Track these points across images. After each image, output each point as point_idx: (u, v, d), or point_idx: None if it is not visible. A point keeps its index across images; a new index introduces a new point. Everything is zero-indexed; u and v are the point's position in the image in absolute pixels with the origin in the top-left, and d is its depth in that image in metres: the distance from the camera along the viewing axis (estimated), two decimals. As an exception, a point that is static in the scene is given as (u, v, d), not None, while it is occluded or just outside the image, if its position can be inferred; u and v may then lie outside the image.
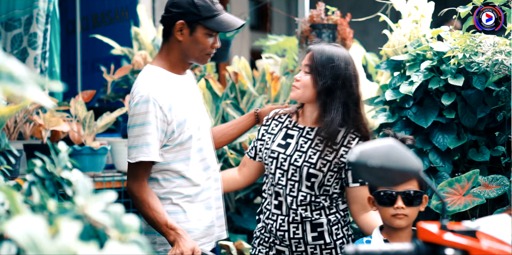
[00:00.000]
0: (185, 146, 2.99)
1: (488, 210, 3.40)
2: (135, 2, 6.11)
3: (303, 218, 3.07)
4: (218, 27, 2.94)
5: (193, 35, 2.96)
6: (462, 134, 3.54)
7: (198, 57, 3.02)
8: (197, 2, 2.93)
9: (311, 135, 3.15)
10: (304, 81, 3.09)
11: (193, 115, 3.05)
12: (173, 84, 3.02)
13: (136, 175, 2.96)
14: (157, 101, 2.88)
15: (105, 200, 1.32)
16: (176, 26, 2.95)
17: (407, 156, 1.61)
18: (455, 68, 3.49)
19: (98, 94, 5.66)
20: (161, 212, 2.91)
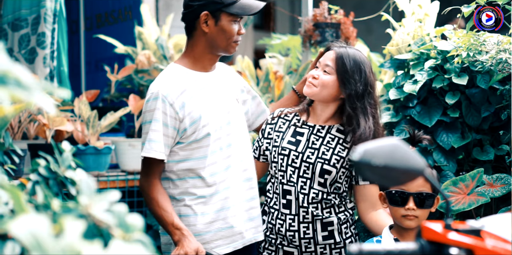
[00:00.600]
0: (201, 143, 2.97)
1: (492, 209, 3.40)
2: (138, 1, 6.11)
3: (314, 216, 3.07)
4: (242, 11, 2.95)
5: (219, 24, 2.96)
6: (466, 132, 3.54)
7: (226, 46, 3.00)
8: None
9: (322, 133, 3.16)
10: (324, 80, 3.09)
11: (213, 113, 3.01)
12: (191, 81, 3.00)
13: (146, 172, 2.98)
14: (167, 98, 2.89)
15: (109, 199, 1.32)
16: (200, 18, 2.95)
17: (411, 155, 1.61)
18: (459, 67, 3.48)
19: (102, 94, 5.66)
20: (169, 211, 2.90)
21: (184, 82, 2.98)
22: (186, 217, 2.99)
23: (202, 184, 3.00)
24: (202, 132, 2.95)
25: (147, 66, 4.99)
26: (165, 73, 3.03)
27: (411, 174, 1.61)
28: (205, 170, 2.99)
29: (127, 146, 4.61)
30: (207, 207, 3.01)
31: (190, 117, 2.92)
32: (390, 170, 1.59)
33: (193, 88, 2.98)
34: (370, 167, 1.58)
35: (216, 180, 3.01)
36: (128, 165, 4.66)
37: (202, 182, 2.99)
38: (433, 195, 2.70)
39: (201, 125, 2.95)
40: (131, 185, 4.64)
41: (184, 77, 2.99)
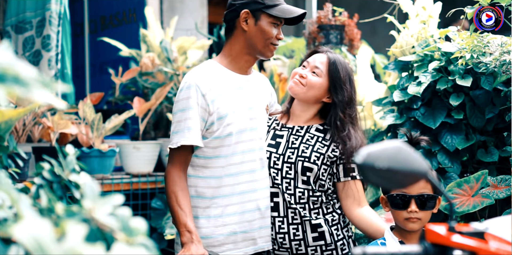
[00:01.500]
0: (223, 142, 2.96)
1: (497, 211, 3.39)
2: (143, 4, 6.12)
3: (302, 217, 3.06)
4: (282, 14, 2.96)
5: (258, 24, 2.99)
6: (471, 134, 3.53)
7: (264, 47, 3.01)
8: None
9: (301, 132, 3.16)
10: (312, 81, 3.10)
11: (240, 115, 3.00)
12: (225, 78, 3.01)
13: (173, 161, 2.96)
14: (200, 88, 2.90)
15: (113, 203, 1.32)
16: (241, 16, 2.99)
17: (414, 158, 1.61)
18: (463, 69, 3.48)
19: (107, 97, 5.67)
20: (186, 210, 2.88)
21: (218, 78, 2.99)
22: (196, 219, 2.98)
23: (217, 184, 2.99)
24: (225, 130, 2.95)
25: (152, 68, 4.99)
26: (200, 67, 3.04)
27: (415, 176, 1.61)
28: (224, 170, 2.99)
29: (131, 148, 4.62)
30: (220, 209, 3.00)
31: (217, 113, 2.92)
32: (394, 173, 1.59)
33: (225, 86, 2.99)
34: (373, 170, 1.58)
35: (230, 182, 3.00)
36: (132, 167, 4.66)
37: (218, 181, 2.99)
38: (434, 196, 2.69)
39: (226, 123, 2.94)
40: (136, 188, 4.65)
41: (218, 73, 3.01)
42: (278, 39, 3.04)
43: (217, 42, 5.46)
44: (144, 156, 4.67)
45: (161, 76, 5.02)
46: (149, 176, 4.71)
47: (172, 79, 5.02)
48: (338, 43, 4.98)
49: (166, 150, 4.77)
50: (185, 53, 5.24)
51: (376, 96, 4.30)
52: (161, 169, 4.92)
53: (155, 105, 4.78)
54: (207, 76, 2.96)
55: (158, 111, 5.20)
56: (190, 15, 6.54)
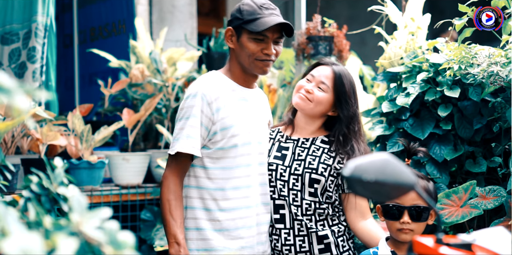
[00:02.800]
0: (227, 154, 2.94)
1: (485, 221, 3.40)
2: (132, 15, 6.12)
3: (308, 229, 3.05)
4: (256, 27, 2.88)
5: (240, 40, 2.97)
6: (459, 145, 3.54)
7: (249, 63, 2.97)
8: (242, 7, 2.97)
9: (307, 144, 3.16)
10: (319, 97, 3.09)
11: (245, 127, 2.98)
12: (231, 89, 3.00)
13: (171, 168, 2.94)
14: (206, 96, 2.88)
15: (101, 216, 1.32)
16: (225, 33, 3.01)
17: (402, 170, 1.61)
18: (451, 80, 3.50)
19: (96, 108, 5.66)
20: (177, 220, 2.87)
21: (224, 88, 2.97)
22: (203, 231, 2.96)
23: (221, 197, 2.96)
24: (230, 142, 2.93)
25: (141, 80, 4.99)
26: (206, 76, 3.02)
27: (403, 189, 1.62)
28: (227, 183, 2.96)
29: (121, 160, 4.61)
30: (224, 223, 2.98)
31: (221, 123, 2.90)
32: (381, 185, 1.59)
33: (231, 96, 2.97)
34: (361, 182, 1.59)
35: (237, 196, 2.98)
36: (122, 179, 4.65)
37: (222, 194, 2.96)
38: (428, 208, 2.70)
39: (230, 134, 2.92)
40: (125, 199, 4.64)
41: (224, 84, 2.99)
42: (266, 54, 2.95)
43: (206, 53, 5.47)
44: (134, 168, 4.66)
45: (151, 88, 5.02)
46: (138, 188, 4.70)
47: (161, 91, 5.02)
48: (327, 54, 5.00)
49: (155, 161, 4.77)
50: (174, 64, 5.25)
51: (365, 107, 4.31)
52: (151, 180, 4.91)
53: (144, 116, 4.78)
54: (214, 85, 2.94)
55: (148, 122, 5.19)
56: (179, 26, 6.55)
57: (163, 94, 5.04)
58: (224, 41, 3.04)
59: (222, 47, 5.45)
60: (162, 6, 6.51)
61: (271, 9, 2.96)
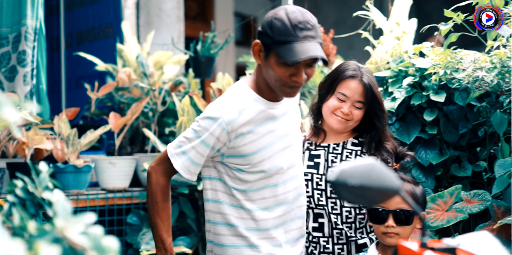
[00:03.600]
0: (253, 177, 2.73)
1: (470, 225, 3.42)
2: (119, 19, 6.11)
3: (348, 237, 3.01)
4: (282, 55, 2.48)
5: (267, 60, 2.58)
6: (445, 149, 3.56)
7: (276, 87, 2.61)
8: (274, 23, 2.53)
9: (338, 150, 3.10)
10: (358, 116, 3.03)
11: (272, 150, 2.72)
12: (259, 110, 2.68)
13: (161, 166, 2.77)
14: (227, 126, 2.60)
15: (85, 221, 1.32)
16: (253, 47, 2.62)
17: (387, 175, 1.62)
18: (437, 84, 3.51)
19: (82, 112, 5.65)
20: (165, 222, 2.76)
21: (251, 111, 2.66)
22: (235, 248, 2.79)
23: (247, 216, 2.76)
24: (255, 168, 2.70)
25: (128, 83, 4.99)
26: (235, 96, 2.69)
27: (387, 193, 1.62)
28: (252, 204, 2.75)
29: (107, 164, 4.60)
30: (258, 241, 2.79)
31: (239, 150, 2.66)
32: (366, 190, 1.60)
33: (257, 120, 2.67)
34: (346, 187, 1.59)
35: (267, 217, 2.78)
36: (108, 183, 4.64)
37: (246, 213, 2.75)
38: (412, 212, 2.70)
39: (254, 160, 2.68)
40: (111, 203, 4.63)
41: (252, 106, 2.67)
42: (295, 81, 2.57)
43: (193, 57, 5.47)
44: (120, 171, 4.65)
45: (137, 91, 5.01)
46: (125, 191, 4.69)
47: (148, 94, 5.01)
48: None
49: (142, 165, 4.76)
50: (161, 68, 5.24)
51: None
52: (137, 184, 4.90)
53: (131, 120, 4.77)
54: (240, 110, 2.63)
55: (134, 126, 5.19)
56: (167, 30, 6.55)
57: (150, 98, 5.04)
58: (252, 54, 2.65)
59: (209, 51, 5.45)
60: (149, 10, 6.50)
61: (307, 30, 2.51)
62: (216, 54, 5.52)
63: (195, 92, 5.08)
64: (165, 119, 5.25)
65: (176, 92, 5.29)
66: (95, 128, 4.51)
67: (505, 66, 2.97)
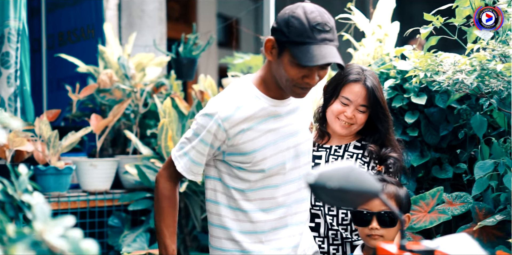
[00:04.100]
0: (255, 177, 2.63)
1: (452, 227, 3.44)
2: (101, 20, 6.10)
3: (343, 239, 3.00)
4: (299, 56, 2.35)
5: (280, 58, 2.43)
6: (426, 151, 3.58)
7: (286, 87, 2.48)
8: (291, 22, 2.39)
9: (340, 152, 3.09)
10: (362, 119, 3.01)
11: (274, 150, 2.61)
12: (261, 107, 2.56)
13: (168, 170, 2.70)
14: (224, 123, 2.50)
15: (64, 224, 1.32)
16: (266, 43, 2.46)
17: (366, 178, 1.63)
18: (418, 87, 3.53)
19: (64, 113, 5.63)
20: (170, 228, 2.68)
21: (252, 108, 2.54)
22: (222, 251, 2.71)
23: (244, 218, 2.66)
24: (256, 166, 2.60)
25: (109, 85, 4.97)
26: (234, 91, 2.59)
27: (367, 196, 1.63)
28: (250, 204, 2.65)
29: (88, 166, 4.59)
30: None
31: (239, 148, 2.56)
32: (345, 192, 1.60)
33: (259, 117, 2.55)
34: (325, 190, 1.60)
35: (265, 219, 2.67)
36: (89, 185, 4.63)
37: (244, 215, 2.66)
38: (393, 213, 2.69)
39: (256, 159, 2.58)
40: (93, 205, 4.61)
41: (254, 102, 2.55)
42: (307, 83, 2.45)
43: (175, 58, 5.46)
44: (101, 173, 4.64)
45: (119, 93, 5.00)
46: (106, 194, 4.68)
47: (129, 96, 5.00)
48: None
49: (123, 167, 4.75)
50: (143, 70, 5.23)
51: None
52: (119, 186, 4.89)
53: (112, 122, 4.76)
54: (240, 106, 2.53)
55: (116, 128, 5.17)
56: (149, 31, 6.54)
57: (131, 100, 5.03)
58: (263, 51, 2.44)
59: (191, 53, 5.45)
60: (131, 11, 6.49)
61: (324, 32, 2.40)
62: (198, 56, 5.51)
63: (177, 94, 5.07)
64: (146, 121, 5.25)
65: (158, 94, 5.29)
66: (77, 129, 4.50)
67: (484, 69, 2.99)
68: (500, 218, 3.09)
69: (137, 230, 4.62)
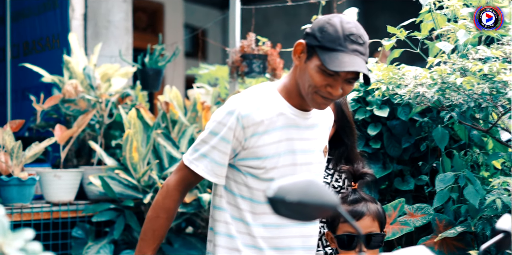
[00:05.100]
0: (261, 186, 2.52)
1: (413, 238, 3.47)
2: (66, 30, 6.07)
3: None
4: (327, 61, 2.31)
5: (308, 62, 2.39)
6: (388, 163, 3.62)
7: (307, 94, 2.41)
8: (326, 27, 2.36)
9: None
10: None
11: (288, 160, 2.51)
12: (279, 112, 2.49)
13: (176, 178, 2.55)
14: (243, 119, 2.42)
15: (24, 237, 1.32)
16: (296, 46, 2.44)
17: (324, 191, 1.64)
18: (380, 99, 3.57)
19: (28, 123, 5.59)
20: (157, 241, 2.53)
21: (271, 110, 2.48)
22: None
23: (245, 230, 2.55)
24: (267, 174, 2.49)
25: (74, 96, 4.95)
26: (255, 91, 2.53)
27: (325, 210, 1.64)
28: (253, 218, 2.54)
29: (52, 176, 4.56)
30: None
31: (255, 151, 2.47)
32: (304, 206, 1.62)
33: (276, 122, 2.48)
34: (284, 203, 1.61)
35: (265, 235, 2.54)
36: (53, 196, 4.60)
37: (245, 227, 2.54)
38: (382, 234, 2.65)
39: (269, 165, 2.49)
40: (56, 217, 4.58)
41: (273, 105, 2.49)
42: (329, 93, 2.37)
43: (141, 69, 5.46)
44: (65, 184, 4.61)
45: (84, 104, 4.98)
46: (70, 205, 4.65)
47: (94, 107, 4.99)
48: (261, 72, 5.05)
49: (87, 178, 4.73)
50: (109, 80, 5.22)
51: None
52: (83, 197, 4.86)
53: (77, 132, 4.73)
54: (259, 106, 2.46)
55: (81, 139, 5.15)
56: (115, 41, 6.52)
57: (96, 111, 5.01)
58: (292, 54, 2.46)
59: (157, 63, 5.45)
60: (97, 21, 6.47)
61: (357, 44, 2.35)
62: (164, 67, 5.52)
63: (142, 105, 5.07)
64: (111, 132, 5.23)
65: (123, 105, 5.27)
66: (41, 140, 4.47)
67: (445, 83, 3.04)
68: (460, 230, 3.13)
69: (101, 241, 4.59)
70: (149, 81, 5.44)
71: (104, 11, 6.48)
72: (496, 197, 2.96)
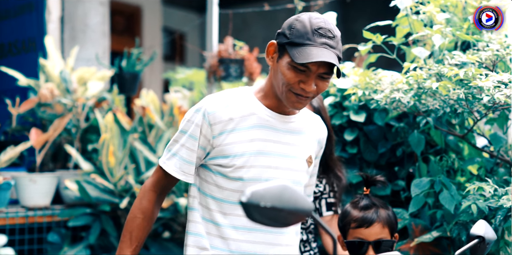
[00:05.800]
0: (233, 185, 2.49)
1: (389, 243, 3.47)
2: (43, 33, 6.03)
3: None
4: (295, 55, 2.31)
5: (279, 61, 2.40)
6: (365, 168, 3.63)
7: (282, 93, 2.41)
8: (294, 24, 2.38)
9: None
10: None
11: (262, 162, 2.48)
12: (250, 112, 2.48)
13: (153, 180, 2.56)
14: (209, 116, 2.43)
15: (-5, 244, 1.31)
16: (268, 47, 2.45)
17: (299, 196, 1.64)
18: (357, 105, 3.58)
19: (3, 127, 5.54)
20: (134, 242, 2.51)
21: (241, 109, 2.48)
22: None
23: (216, 232, 2.53)
24: (235, 173, 2.47)
25: (50, 99, 4.92)
26: (229, 92, 2.54)
27: (300, 215, 1.64)
28: (223, 218, 2.52)
29: (27, 181, 4.52)
30: None
31: (223, 149, 2.46)
32: (278, 211, 1.62)
33: (246, 120, 2.48)
34: (258, 209, 1.60)
35: (236, 237, 2.51)
36: (28, 200, 4.56)
37: (216, 228, 2.53)
38: (391, 241, 2.63)
39: (237, 164, 2.47)
40: (32, 221, 4.54)
41: (245, 104, 2.50)
42: (302, 89, 2.37)
43: (118, 73, 5.43)
44: (41, 189, 4.58)
45: (60, 108, 4.95)
46: (45, 209, 4.61)
47: (71, 111, 4.96)
48: (238, 76, 5.06)
49: (64, 182, 4.69)
50: (85, 84, 5.19)
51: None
52: (59, 201, 4.83)
53: (53, 136, 4.70)
54: (228, 104, 2.47)
55: (57, 143, 5.11)
56: (92, 45, 6.50)
57: (72, 115, 4.98)
58: (265, 56, 2.48)
59: (134, 67, 5.43)
60: (74, 25, 6.44)
61: (326, 38, 2.36)
62: (141, 70, 5.50)
63: (119, 109, 5.05)
64: (88, 136, 5.20)
65: (100, 109, 5.25)
66: (16, 144, 4.44)
67: (421, 88, 3.05)
68: (436, 235, 3.14)
69: (77, 246, 4.56)
70: (126, 85, 5.43)
71: (81, 14, 6.45)
72: (471, 203, 2.97)
